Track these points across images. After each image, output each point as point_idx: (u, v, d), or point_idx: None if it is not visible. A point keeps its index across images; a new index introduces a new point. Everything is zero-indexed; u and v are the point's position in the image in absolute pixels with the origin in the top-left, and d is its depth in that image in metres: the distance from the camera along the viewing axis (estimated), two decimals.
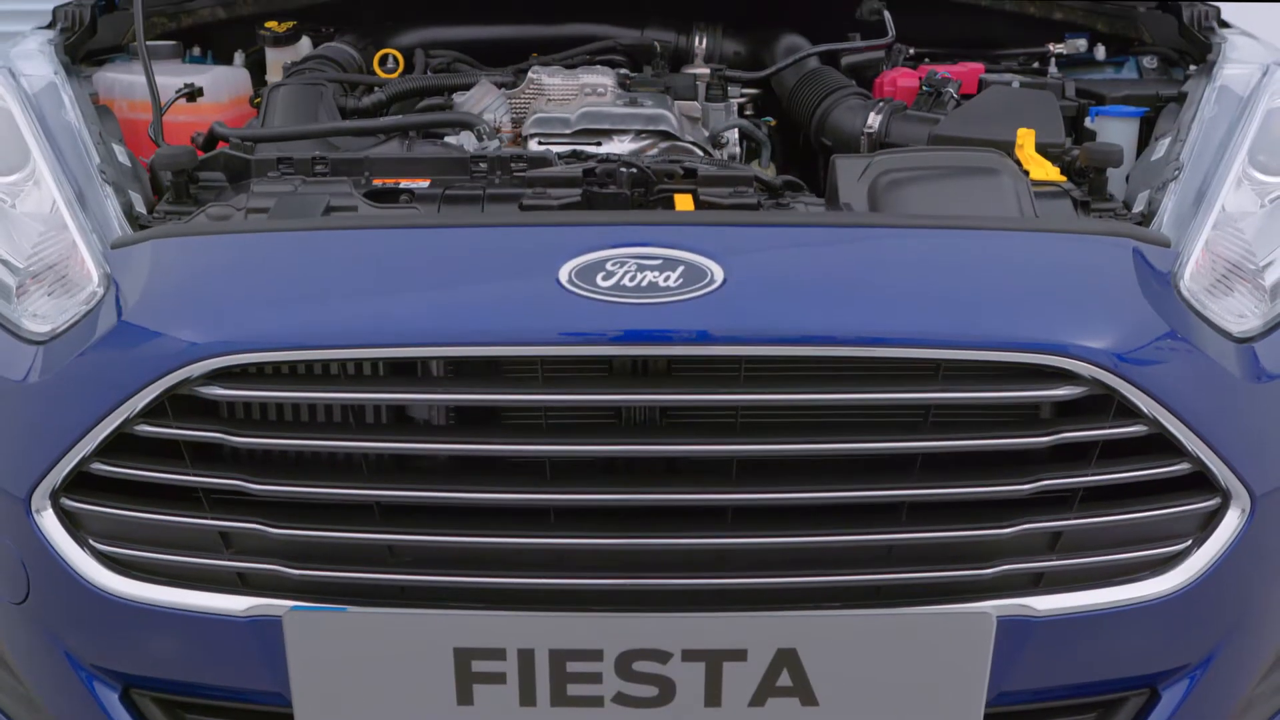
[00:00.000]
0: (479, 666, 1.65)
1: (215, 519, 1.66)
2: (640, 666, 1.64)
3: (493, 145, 2.19)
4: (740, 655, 1.64)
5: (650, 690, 1.65)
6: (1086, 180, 2.06)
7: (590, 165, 1.94)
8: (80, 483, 1.68)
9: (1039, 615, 1.67)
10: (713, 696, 1.66)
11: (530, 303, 1.62)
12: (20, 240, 1.83)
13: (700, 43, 2.83)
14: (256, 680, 1.70)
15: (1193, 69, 2.48)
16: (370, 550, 1.67)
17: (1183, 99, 2.28)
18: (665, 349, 1.61)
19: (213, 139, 2.23)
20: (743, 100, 2.73)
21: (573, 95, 2.48)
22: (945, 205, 1.89)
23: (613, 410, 1.68)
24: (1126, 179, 2.17)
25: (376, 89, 2.55)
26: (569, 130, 2.33)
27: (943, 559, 1.67)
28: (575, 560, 1.67)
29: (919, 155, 2.04)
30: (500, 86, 2.52)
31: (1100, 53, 2.78)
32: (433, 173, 2.04)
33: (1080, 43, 2.78)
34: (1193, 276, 1.77)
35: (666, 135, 2.33)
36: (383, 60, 2.71)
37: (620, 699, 1.66)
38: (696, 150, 2.32)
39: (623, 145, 2.30)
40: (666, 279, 1.62)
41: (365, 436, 1.65)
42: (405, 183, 2.02)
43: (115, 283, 1.74)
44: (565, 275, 1.62)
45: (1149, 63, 2.71)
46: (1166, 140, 2.13)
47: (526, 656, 1.64)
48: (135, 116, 2.44)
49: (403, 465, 1.70)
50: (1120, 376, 1.63)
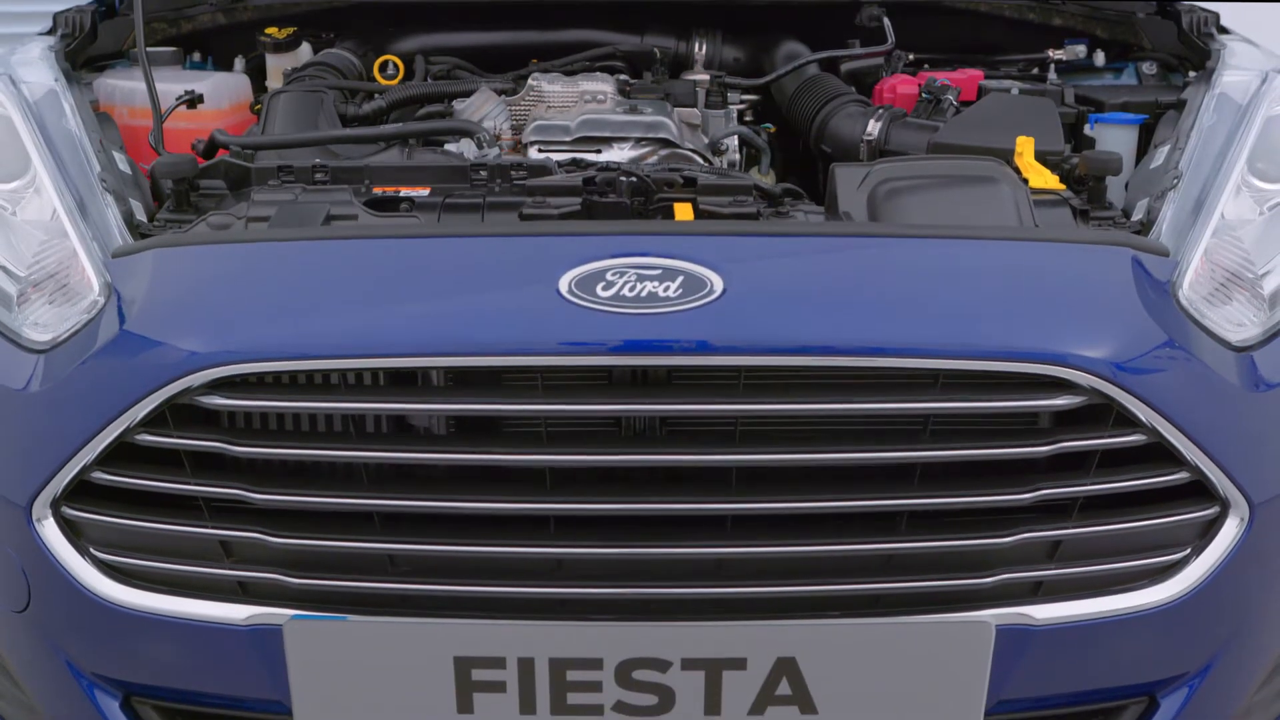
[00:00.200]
0: (479, 675, 1.65)
1: (216, 528, 1.67)
2: (640, 675, 1.65)
3: (493, 153, 2.19)
4: (740, 664, 1.65)
5: (650, 699, 1.66)
6: (1085, 188, 2.06)
7: (590, 174, 1.94)
8: (81, 491, 1.68)
9: (1038, 624, 1.68)
10: (712, 705, 1.66)
11: (530, 313, 1.62)
12: (21, 248, 1.83)
13: (700, 49, 2.82)
14: (257, 689, 1.71)
15: (1192, 75, 2.48)
16: (370, 559, 1.68)
17: (1182, 106, 2.27)
18: (665, 359, 1.62)
19: (213, 146, 2.22)
20: (742, 107, 2.72)
21: (572, 102, 2.48)
22: (944, 214, 1.89)
23: (613, 420, 1.68)
24: (1126, 186, 2.17)
25: (376, 96, 2.55)
26: (569, 137, 2.33)
27: (942, 568, 1.67)
28: (575, 569, 1.67)
29: (918, 164, 2.04)
30: (500, 93, 2.52)
31: (1099, 58, 2.78)
32: (433, 181, 2.05)
33: (1079, 49, 2.78)
34: (1191, 285, 1.77)
35: (666, 142, 2.33)
36: (383, 66, 2.71)
37: (620, 708, 1.66)
38: (696, 157, 2.31)
39: (623, 152, 2.30)
40: (666, 289, 1.62)
41: (366, 446, 1.66)
42: (405, 191, 2.02)
43: (116, 292, 1.74)
44: (565, 285, 1.62)
45: (1148, 68, 2.71)
46: (1165, 148, 2.12)
47: (526, 665, 1.64)
48: (135, 123, 2.44)
49: (403, 475, 1.70)
50: (1119, 386, 1.63)
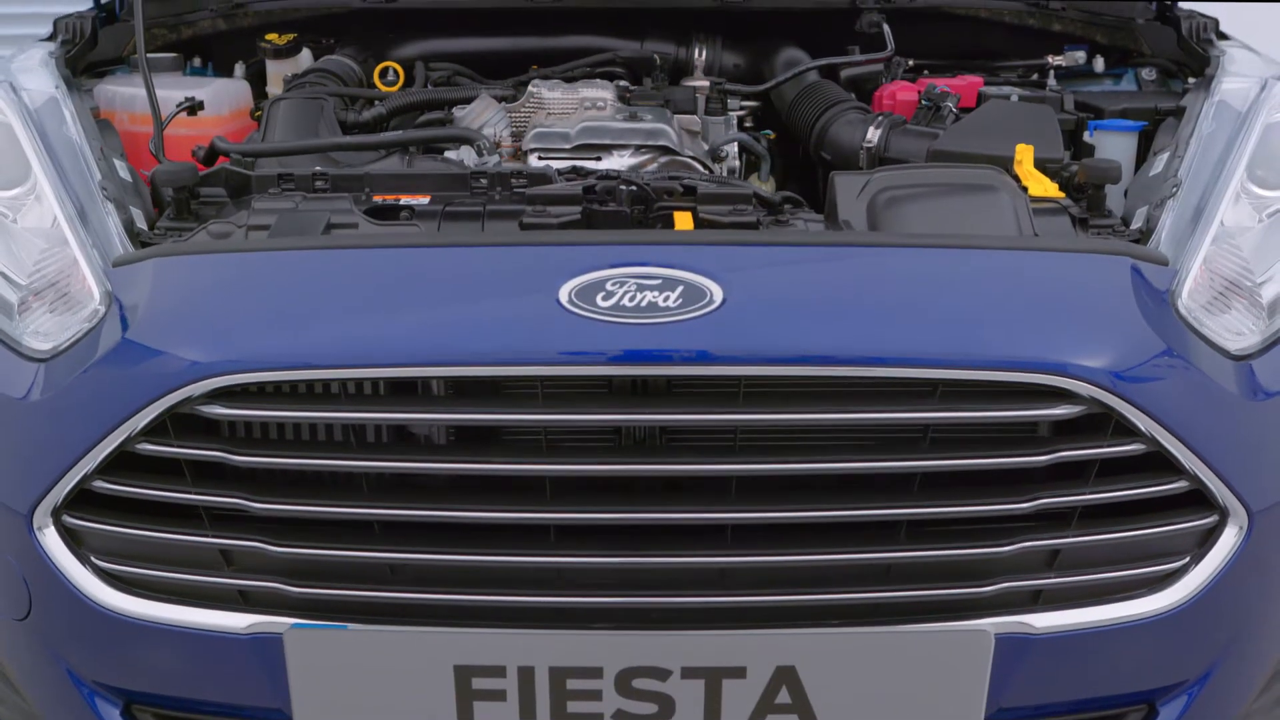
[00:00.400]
0: (479, 684, 1.65)
1: (216, 537, 1.67)
2: (640, 684, 1.65)
3: (493, 160, 2.19)
4: (739, 672, 1.65)
5: (650, 707, 1.66)
6: (1085, 196, 2.06)
7: (590, 183, 1.94)
8: (82, 500, 1.69)
9: (1037, 632, 1.68)
10: (712, 713, 1.66)
11: (530, 323, 1.62)
12: (22, 256, 1.83)
13: (700, 55, 2.82)
14: (257, 697, 1.71)
15: (1191, 81, 2.48)
16: (371, 568, 1.68)
17: (1181, 113, 2.28)
18: (665, 369, 1.62)
19: (213, 154, 2.22)
20: (742, 113, 2.72)
21: (572, 109, 2.48)
22: (944, 223, 1.89)
23: (612, 429, 1.68)
24: (1125, 194, 2.17)
25: (377, 103, 2.55)
26: (569, 145, 2.32)
27: (941, 577, 1.68)
28: (575, 578, 1.68)
29: (917, 172, 2.04)
30: (500, 100, 2.52)
31: (1099, 64, 2.78)
32: (433, 188, 2.04)
33: (1079, 55, 2.78)
34: (1190, 294, 1.77)
35: (666, 150, 2.33)
36: (383, 73, 2.71)
37: (620, 716, 1.67)
38: (696, 165, 2.31)
39: (623, 160, 2.30)
40: (666, 299, 1.62)
41: (366, 455, 1.66)
42: (406, 199, 2.02)
43: (117, 300, 1.74)
44: (565, 295, 1.62)
45: (1147, 74, 2.71)
46: (1165, 156, 2.12)
47: (527, 674, 1.65)
48: (136, 129, 2.44)
49: (403, 484, 1.71)
50: (1118, 395, 1.63)
